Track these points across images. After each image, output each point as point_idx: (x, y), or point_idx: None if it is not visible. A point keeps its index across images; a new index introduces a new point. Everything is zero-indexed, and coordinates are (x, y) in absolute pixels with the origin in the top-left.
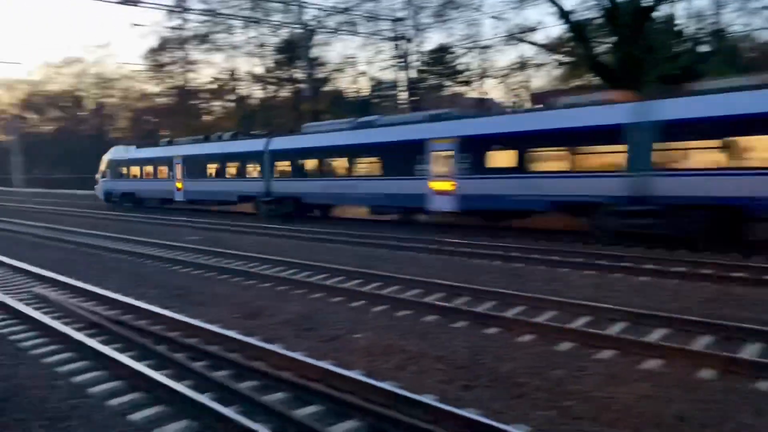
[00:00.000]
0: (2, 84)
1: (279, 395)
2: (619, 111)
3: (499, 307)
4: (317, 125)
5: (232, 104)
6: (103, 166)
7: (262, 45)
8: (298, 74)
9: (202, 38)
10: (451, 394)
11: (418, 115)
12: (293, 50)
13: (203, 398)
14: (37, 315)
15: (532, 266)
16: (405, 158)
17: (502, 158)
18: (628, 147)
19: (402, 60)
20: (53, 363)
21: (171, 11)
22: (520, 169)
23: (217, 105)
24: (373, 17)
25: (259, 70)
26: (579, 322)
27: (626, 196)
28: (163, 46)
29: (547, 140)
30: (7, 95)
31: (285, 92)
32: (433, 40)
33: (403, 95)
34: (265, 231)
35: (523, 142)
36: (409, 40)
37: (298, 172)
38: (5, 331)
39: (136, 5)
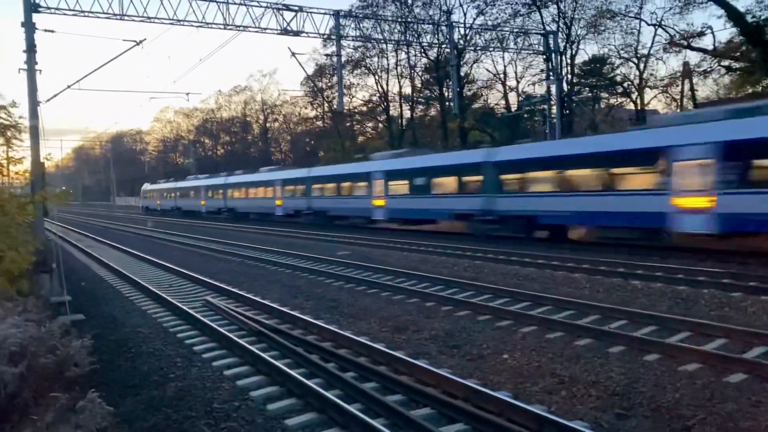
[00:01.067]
0: (181, 112)
1: (425, 411)
2: None
3: (660, 333)
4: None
5: (382, 125)
6: (141, 194)
7: (413, 66)
8: (446, 92)
9: (356, 63)
10: (605, 423)
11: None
12: (442, 69)
13: (353, 409)
14: (208, 321)
15: (698, 289)
16: None
17: None
18: None
19: (553, 73)
20: (220, 366)
21: (327, 39)
22: None
23: (369, 126)
24: (522, 32)
25: (408, 90)
26: (754, 353)
27: None
28: (320, 72)
29: None
30: (185, 122)
31: (433, 111)
32: (586, 51)
33: (555, 109)
34: (410, 247)
35: None
36: (561, 53)
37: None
38: (182, 335)
39: (297, 36)
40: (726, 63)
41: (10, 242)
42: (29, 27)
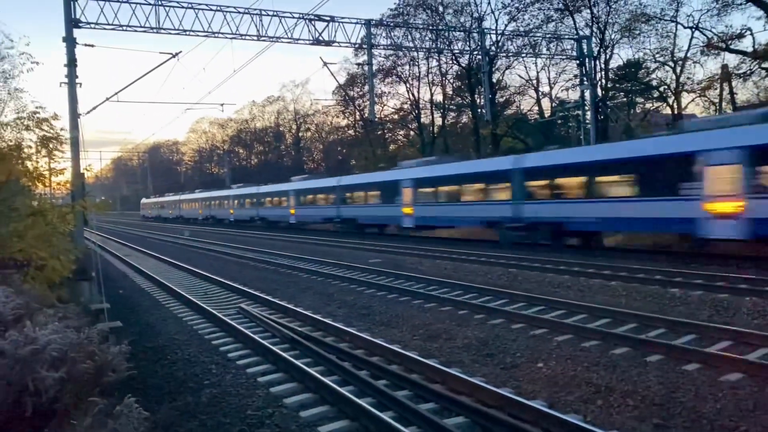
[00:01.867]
0: (216, 123)
1: (458, 419)
2: None
3: (700, 342)
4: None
5: (414, 132)
6: (141, 204)
7: (444, 74)
8: (478, 99)
9: (388, 71)
10: None
11: None
12: (473, 76)
13: (385, 417)
14: (242, 328)
15: (740, 297)
16: None
17: None
18: None
19: (587, 78)
20: (254, 373)
21: (358, 48)
22: None
23: (400, 134)
24: (555, 37)
25: (440, 97)
26: None
27: None
28: (351, 81)
29: None
30: (220, 133)
31: (464, 118)
32: (621, 55)
33: (589, 114)
34: (442, 255)
35: None
36: (594, 58)
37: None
38: (217, 342)
39: (329, 45)
40: (767, 65)
41: (52, 251)
42: (70, 42)
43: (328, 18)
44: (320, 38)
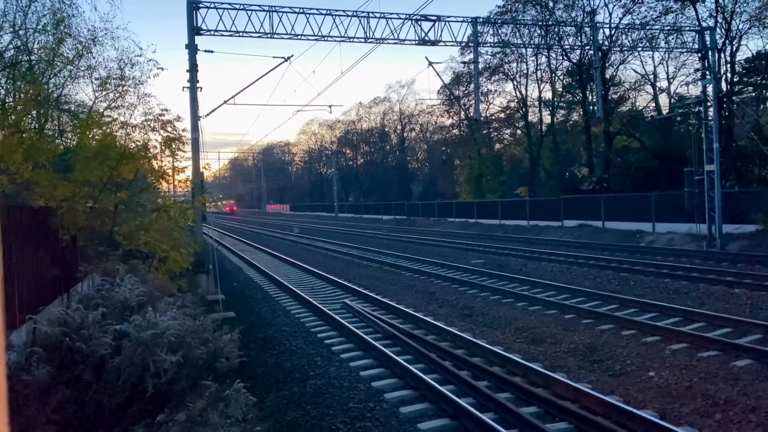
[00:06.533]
0: (325, 124)
1: (561, 425)
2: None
3: None
4: None
5: (521, 131)
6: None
7: (553, 70)
8: (590, 96)
9: (494, 69)
10: None
11: None
12: (585, 72)
13: (486, 417)
14: (346, 323)
15: None
16: None
17: None
18: None
19: (710, 72)
20: (357, 367)
21: (465, 47)
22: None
23: (506, 133)
24: (675, 30)
25: (548, 95)
26: None
27: None
28: (457, 80)
29: None
30: (328, 134)
31: (575, 116)
32: (749, 47)
33: (712, 111)
34: (549, 257)
35: None
36: (719, 50)
37: None
38: (322, 335)
39: (434, 45)
40: None
41: (173, 244)
42: (192, 49)
43: (434, 17)
44: (426, 38)
